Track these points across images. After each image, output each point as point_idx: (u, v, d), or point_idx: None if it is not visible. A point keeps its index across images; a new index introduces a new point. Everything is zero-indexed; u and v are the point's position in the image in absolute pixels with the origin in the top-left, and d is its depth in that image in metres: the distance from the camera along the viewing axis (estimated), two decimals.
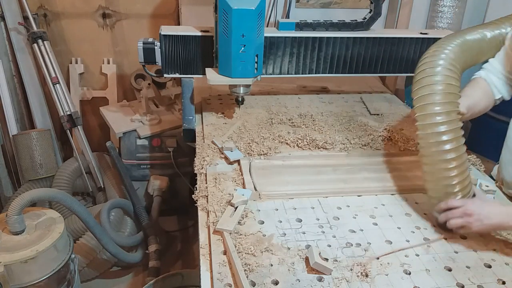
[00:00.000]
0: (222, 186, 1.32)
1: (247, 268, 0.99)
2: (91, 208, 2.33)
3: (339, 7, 2.50)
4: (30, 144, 2.36)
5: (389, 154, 1.54)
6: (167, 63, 1.66)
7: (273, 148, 1.53)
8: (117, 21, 2.71)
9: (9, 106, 2.43)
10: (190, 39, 1.63)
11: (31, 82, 2.52)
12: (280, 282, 0.97)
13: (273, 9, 2.44)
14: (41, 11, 2.60)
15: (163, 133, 2.48)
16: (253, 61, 1.51)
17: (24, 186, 2.39)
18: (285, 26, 1.74)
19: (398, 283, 0.99)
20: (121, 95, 2.89)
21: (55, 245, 1.52)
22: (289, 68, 1.79)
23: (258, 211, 1.23)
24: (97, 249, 2.12)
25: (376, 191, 1.35)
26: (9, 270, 1.42)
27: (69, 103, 2.42)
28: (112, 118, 2.53)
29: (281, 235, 1.13)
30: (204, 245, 1.08)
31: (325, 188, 1.34)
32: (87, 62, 2.80)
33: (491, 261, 1.07)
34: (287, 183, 1.35)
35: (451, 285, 0.99)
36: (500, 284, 1.00)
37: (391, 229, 1.18)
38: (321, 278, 0.99)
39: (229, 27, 1.42)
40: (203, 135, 1.67)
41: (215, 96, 2.06)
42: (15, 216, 1.49)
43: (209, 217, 1.17)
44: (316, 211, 1.24)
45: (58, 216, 1.63)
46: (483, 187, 1.30)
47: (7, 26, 2.38)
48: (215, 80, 1.55)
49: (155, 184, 2.50)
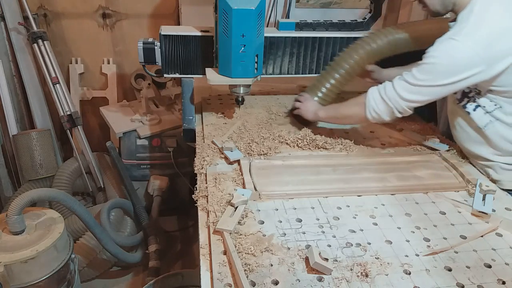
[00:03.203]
0: (222, 186, 1.32)
1: (247, 268, 0.99)
2: (91, 208, 2.33)
3: (339, 7, 2.50)
4: (30, 144, 2.36)
5: (389, 154, 1.54)
6: (167, 63, 1.66)
7: (273, 148, 1.53)
8: (117, 21, 2.71)
9: (9, 106, 2.43)
10: (190, 39, 1.63)
11: (31, 82, 2.52)
12: (280, 282, 0.97)
13: (273, 9, 2.44)
14: (41, 11, 2.60)
15: (163, 133, 2.48)
16: (253, 61, 1.51)
17: (24, 186, 2.39)
18: (285, 26, 1.74)
19: (398, 283, 0.99)
20: (121, 95, 2.89)
21: (55, 245, 1.52)
22: (289, 68, 1.79)
23: (258, 211, 1.23)
24: (97, 249, 2.12)
25: (376, 191, 1.35)
26: (9, 270, 1.42)
27: (69, 103, 2.42)
28: (112, 118, 2.53)
29: (281, 235, 1.13)
30: (204, 245, 1.08)
31: (325, 188, 1.34)
32: (87, 62, 2.80)
33: (491, 261, 1.07)
34: (287, 183, 1.35)
35: (451, 285, 0.99)
36: (500, 284, 1.00)
37: (391, 229, 1.18)
38: (321, 278, 0.99)
39: (229, 27, 1.42)
40: (203, 135, 1.67)
41: (215, 96, 2.06)
42: (15, 216, 1.49)
43: (209, 217, 1.17)
44: (316, 211, 1.24)
45: (58, 216, 1.64)
46: (483, 187, 1.30)
47: (7, 26, 2.38)
48: (215, 80, 1.55)
49: (155, 184, 2.50)
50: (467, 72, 1.20)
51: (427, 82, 1.25)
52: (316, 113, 1.61)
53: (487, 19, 1.20)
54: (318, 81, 1.72)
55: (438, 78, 1.23)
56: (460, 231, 1.18)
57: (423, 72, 1.25)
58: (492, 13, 1.21)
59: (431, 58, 1.24)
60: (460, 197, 1.34)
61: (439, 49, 1.23)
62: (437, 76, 1.23)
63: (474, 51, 1.18)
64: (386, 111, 1.35)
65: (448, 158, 1.51)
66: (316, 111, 1.61)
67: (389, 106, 1.33)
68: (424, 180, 1.39)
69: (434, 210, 1.27)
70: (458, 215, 1.26)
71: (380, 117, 1.38)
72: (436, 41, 1.26)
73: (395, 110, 1.33)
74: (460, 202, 1.30)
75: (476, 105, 1.36)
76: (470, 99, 1.36)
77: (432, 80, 1.24)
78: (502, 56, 1.19)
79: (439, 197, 1.33)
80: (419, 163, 1.48)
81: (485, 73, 1.20)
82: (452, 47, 1.20)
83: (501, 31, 1.19)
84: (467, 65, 1.20)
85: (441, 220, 1.23)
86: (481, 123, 1.36)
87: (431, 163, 1.50)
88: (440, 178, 1.41)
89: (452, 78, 1.22)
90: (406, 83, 1.28)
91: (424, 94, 1.28)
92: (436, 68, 1.23)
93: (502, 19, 1.20)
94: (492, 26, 1.19)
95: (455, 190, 1.37)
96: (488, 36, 1.18)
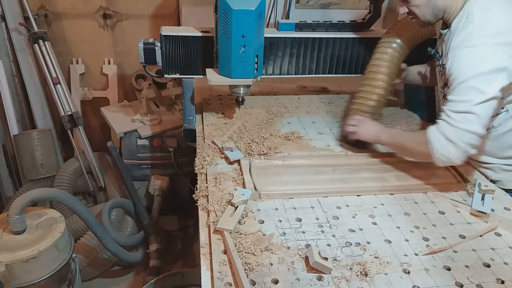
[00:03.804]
0: (222, 185, 1.32)
1: (247, 267, 1.00)
2: (92, 208, 2.34)
3: (339, 7, 2.51)
4: (31, 144, 2.37)
5: (388, 154, 1.55)
6: (167, 63, 1.67)
7: (273, 148, 1.54)
8: (118, 22, 2.72)
9: (10, 106, 2.44)
10: (191, 39, 1.64)
11: (32, 82, 2.53)
12: (280, 281, 0.97)
13: (273, 9, 2.44)
14: (42, 11, 2.60)
15: (163, 133, 2.49)
16: (253, 62, 1.52)
17: (25, 186, 2.40)
18: (285, 26, 1.74)
19: (397, 282, 1.00)
20: (122, 95, 2.90)
21: (56, 245, 1.52)
22: (289, 69, 1.80)
23: (258, 210, 1.23)
24: (98, 249, 2.12)
25: (375, 191, 1.35)
26: (10, 270, 1.42)
27: (70, 103, 2.43)
28: (113, 118, 2.54)
29: (281, 235, 1.13)
30: (204, 245, 1.09)
31: (325, 188, 1.34)
32: (88, 62, 2.80)
33: (490, 260, 1.08)
34: (287, 183, 1.35)
35: (450, 285, 1.00)
36: (499, 284, 1.00)
37: (390, 228, 1.19)
38: (321, 277, 0.99)
39: (229, 28, 1.42)
40: (203, 135, 1.68)
41: (216, 97, 2.07)
42: (16, 216, 1.49)
43: (210, 216, 1.18)
44: (315, 210, 1.25)
45: (59, 215, 1.64)
46: (482, 187, 1.30)
47: (8, 27, 2.38)
48: (215, 81, 1.56)
49: (156, 183, 2.51)
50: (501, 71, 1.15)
51: (474, 100, 1.16)
52: (378, 135, 1.44)
53: (492, 19, 1.19)
54: (361, 97, 1.60)
55: (481, 89, 1.15)
56: (459, 231, 1.19)
57: (464, 93, 1.17)
58: (495, 13, 1.20)
59: (459, 74, 1.18)
60: (459, 196, 1.35)
61: (463, 62, 1.18)
62: (480, 88, 1.15)
63: (496, 48, 1.15)
64: (460, 155, 1.21)
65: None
66: (379, 134, 1.44)
67: (459, 146, 1.19)
68: (423, 180, 1.40)
69: (433, 209, 1.28)
70: (457, 214, 1.26)
71: (450, 161, 1.24)
72: (452, 55, 1.21)
73: (470, 149, 1.20)
74: (459, 201, 1.31)
75: None
76: None
77: (479, 96, 1.16)
78: None
79: (438, 197, 1.34)
80: (418, 163, 1.48)
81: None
82: (474, 55, 1.17)
83: (509, 29, 1.17)
84: (496, 63, 1.15)
85: (440, 219, 1.23)
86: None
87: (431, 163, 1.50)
88: (439, 178, 1.41)
89: (493, 82, 1.15)
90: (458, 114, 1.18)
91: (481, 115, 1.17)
92: (473, 82, 1.16)
93: (506, 18, 1.19)
94: (499, 24, 1.17)
95: (454, 190, 1.38)
96: (500, 33, 1.16)
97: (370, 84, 1.59)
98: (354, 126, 1.51)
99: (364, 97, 1.60)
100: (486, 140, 1.38)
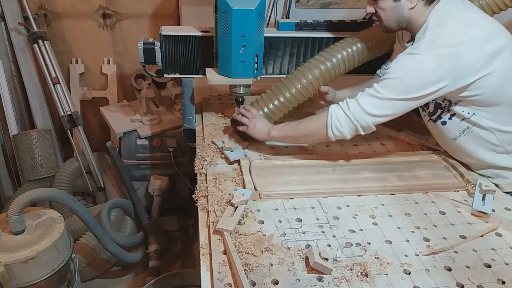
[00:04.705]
0: (222, 186, 1.32)
1: (247, 268, 0.99)
2: (92, 208, 2.33)
3: (339, 7, 2.50)
4: (30, 144, 2.36)
5: (389, 154, 1.54)
6: (167, 63, 1.66)
7: (273, 148, 1.53)
8: (117, 21, 2.71)
9: (10, 106, 2.44)
10: (190, 39, 1.63)
11: (31, 82, 2.52)
12: (280, 282, 0.97)
13: (273, 9, 2.44)
14: (42, 11, 2.60)
15: (163, 133, 2.49)
16: (253, 61, 1.51)
17: (24, 186, 2.39)
18: (285, 26, 1.74)
19: (398, 282, 0.99)
20: (121, 95, 2.89)
21: (55, 245, 1.52)
22: (289, 68, 1.79)
23: (258, 211, 1.23)
24: (97, 249, 2.12)
25: (375, 191, 1.35)
26: (9, 270, 1.42)
27: (70, 103, 2.43)
28: (112, 118, 2.54)
29: (281, 235, 1.13)
30: (204, 245, 1.08)
31: (325, 188, 1.34)
32: (87, 62, 2.80)
33: (490, 261, 1.07)
34: (287, 183, 1.35)
35: (451, 285, 0.99)
36: (500, 284, 1.00)
37: (390, 229, 1.18)
38: (321, 277, 0.99)
39: (229, 27, 1.42)
40: (203, 135, 1.67)
41: (215, 96, 2.06)
42: (16, 216, 1.49)
43: (209, 217, 1.17)
44: (316, 211, 1.25)
45: (58, 216, 1.64)
46: (482, 187, 1.30)
47: (7, 26, 2.38)
48: (215, 80, 1.56)
49: (155, 184, 2.50)
50: (434, 85, 1.20)
51: (394, 96, 1.23)
52: (268, 133, 1.47)
53: (443, 33, 1.21)
54: (268, 97, 1.58)
55: (405, 92, 1.22)
56: (459, 231, 1.18)
57: (389, 87, 1.23)
58: (448, 28, 1.22)
59: (395, 73, 1.23)
60: (459, 197, 1.34)
61: (403, 64, 1.23)
62: (405, 90, 1.22)
63: (438, 62, 1.18)
64: (349, 129, 1.31)
65: (448, 158, 1.51)
66: (268, 131, 1.47)
67: (353, 123, 1.29)
68: (424, 180, 1.40)
69: (434, 210, 1.28)
70: (457, 215, 1.26)
71: (342, 135, 1.33)
72: (397, 57, 1.25)
73: (359, 127, 1.29)
74: (459, 202, 1.30)
75: (451, 114, 1.35)
76: (444, 110, 1.35)
77: (399, 94, 1.23)
78: (466, 69, 1.19)
79: (439, 197, 1.33)
80: (419, 163, 1.48)
81: (451, 85, 1.20)
82: (415, 60, 1.20)
83: (460, 43, 1.18)
84: (434, 77, 1.19)
85: (440, 220, 1.23)
86: (458, 131, 1.36)
87: (431, 163, 1.50)
88: (440, 178, 1.41)
89: (420, 91, 1.21)
90: (373, 98, 1.25)
91: (391, 108, 1.26)
92: (403, 83, 1.22)
93: (458, 32, 1.20)
94: (450, 39, 1.20)
95: (454, 190, 1.38)
96: (448, 48, 1.18)
97: (281, 90, 1.55)
98: (246, 119, 1.51)
99: (274, 93, 1.56)
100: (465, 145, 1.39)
